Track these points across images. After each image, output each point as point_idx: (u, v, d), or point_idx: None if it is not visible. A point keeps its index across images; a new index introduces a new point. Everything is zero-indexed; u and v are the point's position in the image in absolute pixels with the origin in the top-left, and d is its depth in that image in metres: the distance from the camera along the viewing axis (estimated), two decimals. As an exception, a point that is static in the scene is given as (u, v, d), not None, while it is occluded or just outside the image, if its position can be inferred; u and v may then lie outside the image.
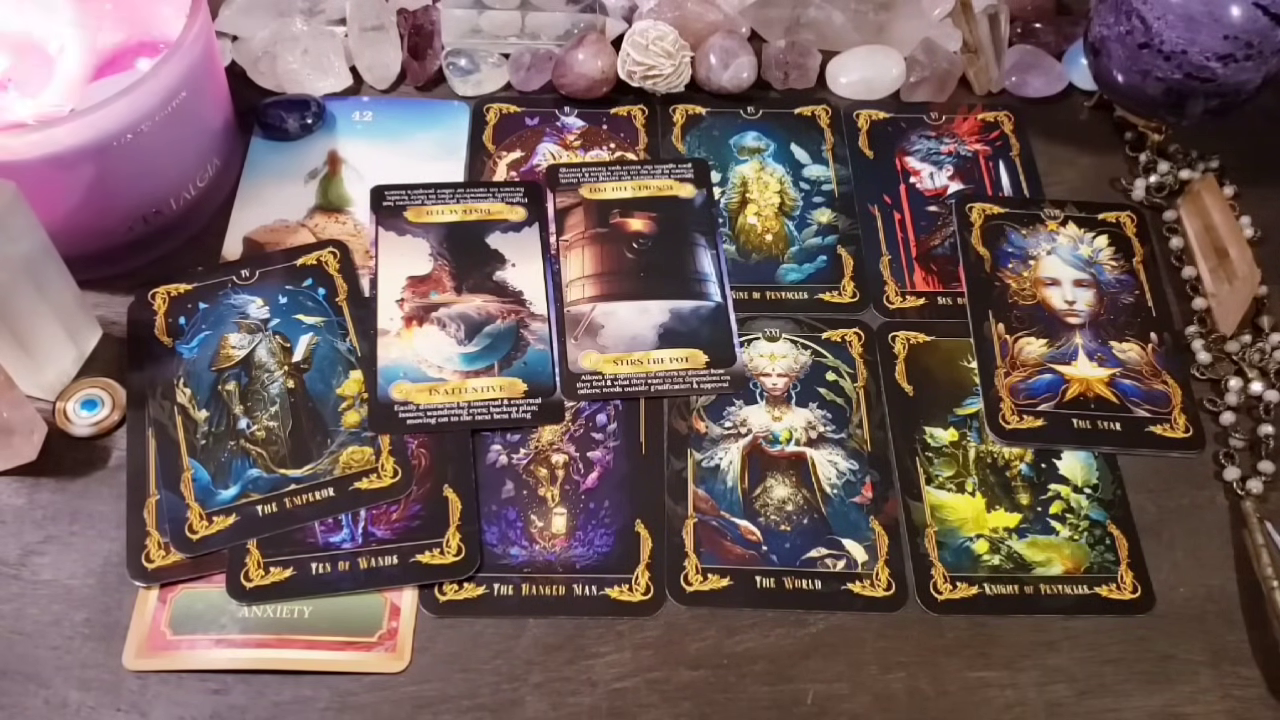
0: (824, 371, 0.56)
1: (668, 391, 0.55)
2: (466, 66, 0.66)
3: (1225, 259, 0.59)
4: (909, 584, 0.50)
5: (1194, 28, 0.57)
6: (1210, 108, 0.59)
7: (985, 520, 0.52)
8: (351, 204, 0.61)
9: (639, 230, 0.60)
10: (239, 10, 0.66)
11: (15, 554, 0.50)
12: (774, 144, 0.65)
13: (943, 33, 0.68)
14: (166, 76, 0.52)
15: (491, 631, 0.48)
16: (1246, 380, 0.56)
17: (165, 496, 0.51)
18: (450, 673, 0.47)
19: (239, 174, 0.62)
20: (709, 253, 0.59)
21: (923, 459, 0.53)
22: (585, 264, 0.58)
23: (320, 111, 0.64)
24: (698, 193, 0.61)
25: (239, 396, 0.54)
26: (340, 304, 0.57)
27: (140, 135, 0.52)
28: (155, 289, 0.57)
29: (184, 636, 0.47)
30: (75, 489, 0.51)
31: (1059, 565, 0.51)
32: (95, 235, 0.55)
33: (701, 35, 0.66)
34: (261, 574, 0.49)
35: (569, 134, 0.65)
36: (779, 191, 0.63)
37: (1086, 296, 0.59)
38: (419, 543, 0.50)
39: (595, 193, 0.61)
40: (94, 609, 0.48)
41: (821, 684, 0.47)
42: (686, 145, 0.64)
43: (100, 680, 0.46)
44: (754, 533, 0.51)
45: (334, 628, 0.48)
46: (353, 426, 0.53)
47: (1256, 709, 0.47)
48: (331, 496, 0.51)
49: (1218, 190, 0.62)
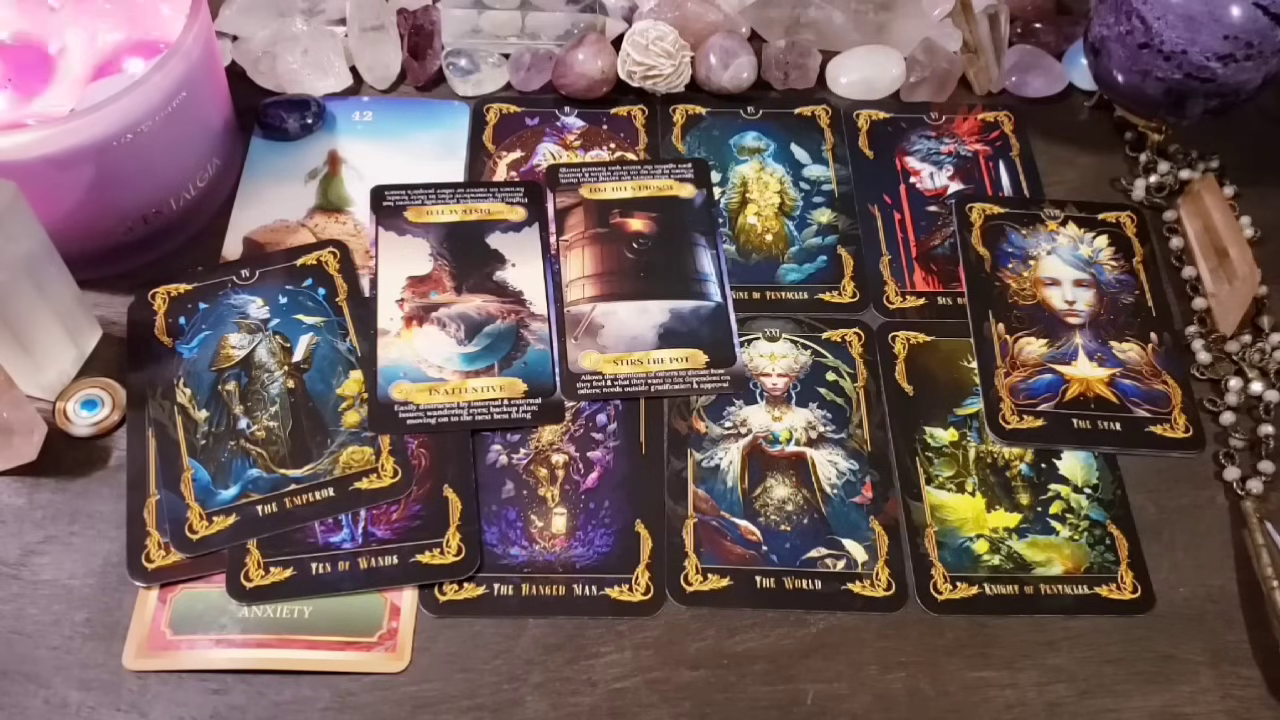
0: (824, 371, 0.56)
1: (668, 391, 0.55)
2: (466, 66, 0.66)
3: (1225, 259, 0.59)
4: (909, 584, 0.50)
5: (1194, 28, 0.57)
6: (1210, 108, 0.59)
7: (985, 520, 0.52)
8: (351, 204, 0.61)
9: (639, 230, 0.60)
10: (239, 10, 0.66)
11: (15, 554, 0.50)
12: (774, 144, 0.65)
13: (943, 33, 0.68)
14: (166, 76, 0.52)
15: (491, 631, 0.48)
16: (1246, 380, 0.56)
17: (165, 496, 0.51)
18: (450, 673, 0.47)
19: (239, 174, 0.62)
20: (709, 253, 0.59)
21: (923, 459, 0.53)
22: (585, 264, 0.58)
23: (320, 111, 0.64)
24: (698, 193, 0.61)
25: (239, 396, 0.54)
26: (340, 304, 0.57)
27: (140, 135, 0.52)
28: (155, 289, 0.57)
29: (184, 636, 0.47)
30: (75, 489, 0.51)
31: (1059, 565, 0.51)
32: (95, 235, 0.55)
33: (701, 35, 0.66)
34: (261, 574, 0.49)
35: (569, 134, 0.65)
36: (779, 191, 0.63)
37: (1086, 296, 0.59)
38: (419, 543, 0.50)
39: (595, 193, 0.61)
40: (94, 609, 0.48)
41: (821, 684, 0.47)
42: (686, 145, 0.64)
43: (100, 680, 0.46)
44: (754, 533, 0.51)
45: (334, 628, 0.48)
46: (353, 426, 0.53)
47: (1256, 709, 0.47)
48: (331, 496, 0.51)
49: (1218, 190, 0.62)
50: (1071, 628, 0.49)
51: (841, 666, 0.48)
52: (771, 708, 0.47)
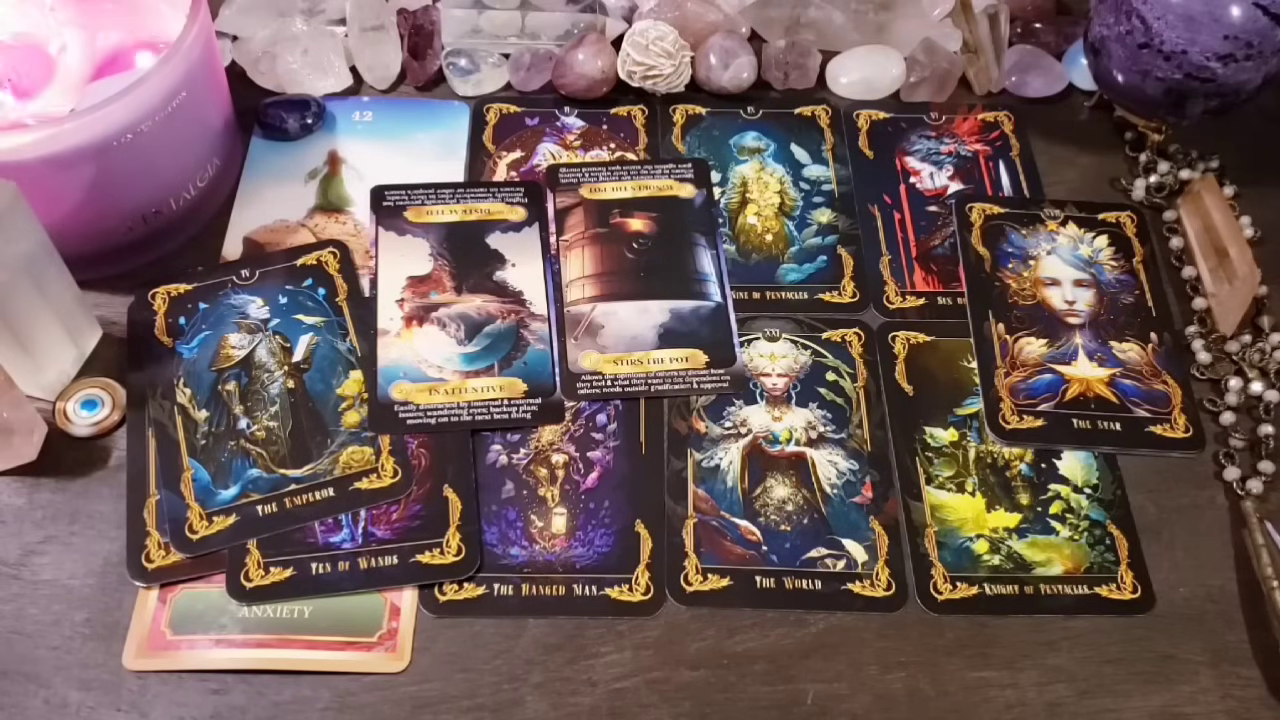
0: (824, 371, 0.56)
1: (668, 391, 0.55)
2: (466, 66, 0.66)
3: (1225, 259, 0.59)
4: (909, 584, 0.50)
5: (1194, 28, 0.57)
6: (1210, 108, 0.59)
7: (985, 520, 0.52)
8: (351, 204, 0.61)
9: (639, 230, 0.60)
10: (239, 10, 0.66)
11: (15, 554, 0.50)
12: (774, 144, 0.65)
13: (943, 33, 0.68)
14: (166, 76, 0.52)
15: (491, 631, 0.48)
16: (1246, 380, 0.56)
17: (165, 496, 0.51)
18: (450, 673, 0.47)
19: (239, 174, 0.62)
20: (709, 253, 0.59)
21: (923, 459, 0.53)
22: (585, 264, 0.58)
23: (320, 111, 0.64)
24: (698, 193, 0.61)
25: (239, 396, 0.54)
26: (340, 304, 0.57)
27: (140, 135, 0.52)
28: (155, 289, 0.57)
29: (184, 636, 0.47)
30: (75, 489, 0.51)
31: (1059, 565, 0.51)
32: (95, 235, 0.55)
33: (701, 35, 0.66)
34: (261, 574, 0.49)
35: (569, 134, 0.65)
36: (779, 191, 0.63)
37: (1086, 296, 0.59)
38: (419, 543, 0.50)
39: (595, 193, 0.61)
40: (94, 609, 0.48)
41: (821, 684, 0.47)
42: (686, 145, 0.64)
43: (100, 680, 0.46)
44: (754, 533, 0.51)
45: (334, 628, 0.48)
46: (353, 426, 0.53)
47: (1256, 709, 0.47)
48: (331, 496, 0.51)
49: (1218, 190, 0.62)
50: (1071, 628, 0.49)
51: (841, 666, 0.48)
52: (771, 708, 0.47)
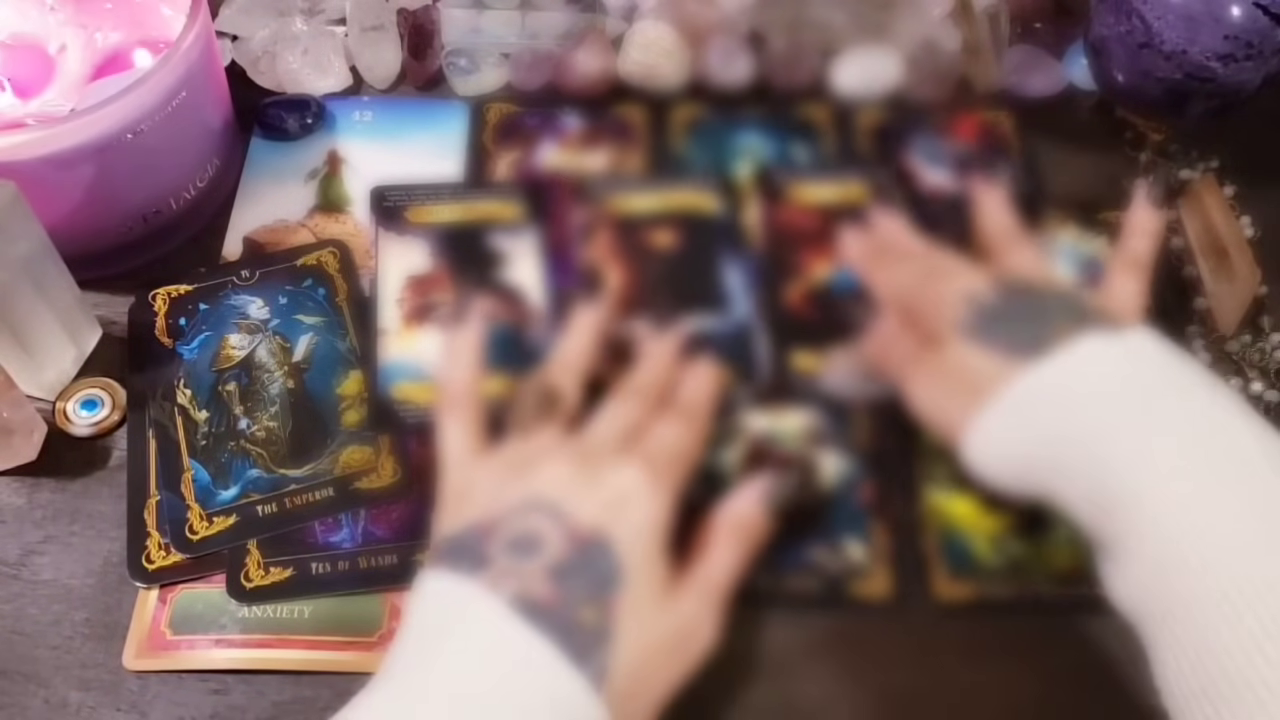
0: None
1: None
2: (466, 66, 0.66)
3: (1225, 259, 0.59)
4: (909, 584, 0.50)
5: (1194, 28, 0.57)
6: (1210, 108, 0.59)
7: (985, 520, 0.52)
8: (351, 204, 0.61)
9: (661, 244, 0.59)
10: (239, 10, 0.66)
11: (15, 554, 0.50)
12: (774, 144, 0.64)
13: (943, 33, 0.68)
14: (166, 76, 0.52)
15: (491, 631, 0.48)
16: (1246, 380, 0.56)
17: (165, 497, 0.51)
18: (450, 673, 0.47)
19: (239, 174, 0.62)
20: (728, 264, 0.59)
21: (923, 459, 0.53)
22: (606, 276, 0.58)
23: (320, 111, 0.64)
24: (721, 206, 0.61)
25: (239, 397, 0.54)
26: (340, 304, 0.57)
27: (140, 135, 0.52)
28: (156, 290, 0.57)
29: (184, 637, 0.47)
30: (75, 489, 0.51)
31: (1059, 565, 0.51)
32: (95, 235, 0.55)
33: (701, 35, 0.66)
34: (261, 574, 0.49)
35: (569, 134, 0.65)
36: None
37: (1086, 296, 0.59)
38: (419, 542, 0.50)
39: (616, 205, 0.61)
40: (94, 609, 0.48)
41: (821, 684, 0.47)
42: (687, 146, 0.64)
43: (100, 680, 0.46)
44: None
45: (334, 628, 0.48)
46: (353, 426, 0.53)
47: (1256, 709, 0.47)
48: (331, 496, 0.51)
49: (1218, 190, 0.62)
50: (1071, 628, 0.49)
51: (841, 666, 0.48)
52: (771, 708, 0.47)
